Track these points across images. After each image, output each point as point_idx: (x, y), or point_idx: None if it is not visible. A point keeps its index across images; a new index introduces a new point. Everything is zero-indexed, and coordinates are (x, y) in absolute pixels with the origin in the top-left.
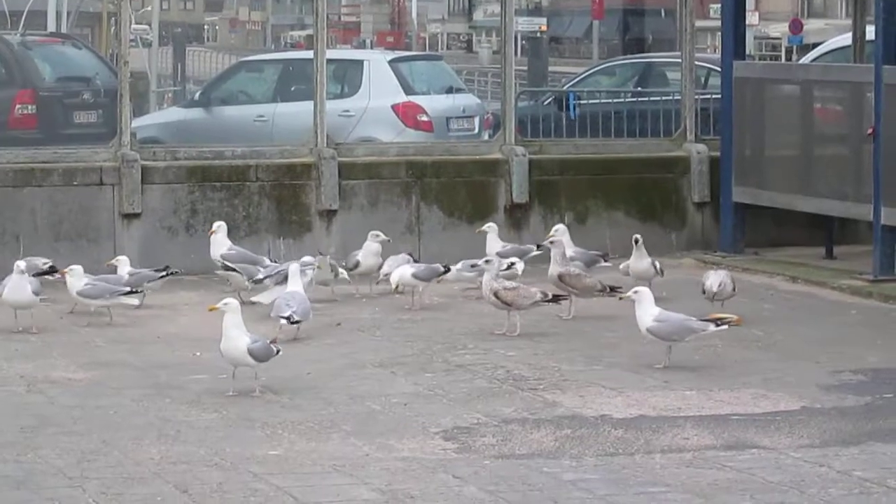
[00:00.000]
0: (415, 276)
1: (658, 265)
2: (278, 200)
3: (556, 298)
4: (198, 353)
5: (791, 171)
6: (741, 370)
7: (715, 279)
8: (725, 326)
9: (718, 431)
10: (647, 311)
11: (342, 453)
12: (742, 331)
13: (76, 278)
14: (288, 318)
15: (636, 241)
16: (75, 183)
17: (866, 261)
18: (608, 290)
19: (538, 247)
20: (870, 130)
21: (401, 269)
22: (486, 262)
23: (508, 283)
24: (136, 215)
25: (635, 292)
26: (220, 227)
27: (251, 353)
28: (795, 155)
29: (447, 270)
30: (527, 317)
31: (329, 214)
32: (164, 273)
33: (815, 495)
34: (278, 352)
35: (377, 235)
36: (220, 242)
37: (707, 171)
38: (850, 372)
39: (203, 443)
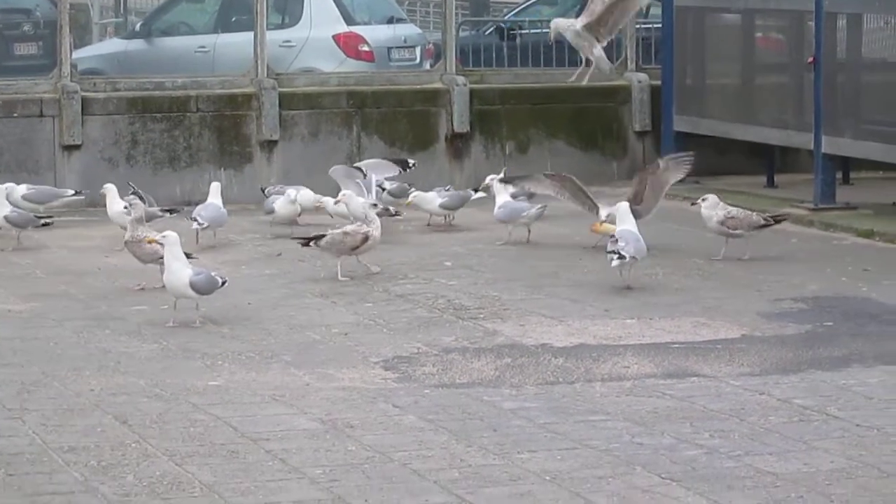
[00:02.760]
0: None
1: None
2: (219, 131)
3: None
4: (141, 284)
5: (732, 99)
6: (682, 299)
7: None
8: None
9: (659, 360)
10: (622, 227)
11: (282, 383)
12: (683, 259)
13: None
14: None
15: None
16: (15, 115)
17: (807, 189)
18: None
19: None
20: (810, 59)
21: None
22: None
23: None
24: (77, 147)
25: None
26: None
27: (193, 285)
28: (736, 84)
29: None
30: (467, 246)
31: (270, 145)
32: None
33: (755, 423)
34: (224, 283)
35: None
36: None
37: (648, 100)
38: (791, 300)
39: (143, 374)
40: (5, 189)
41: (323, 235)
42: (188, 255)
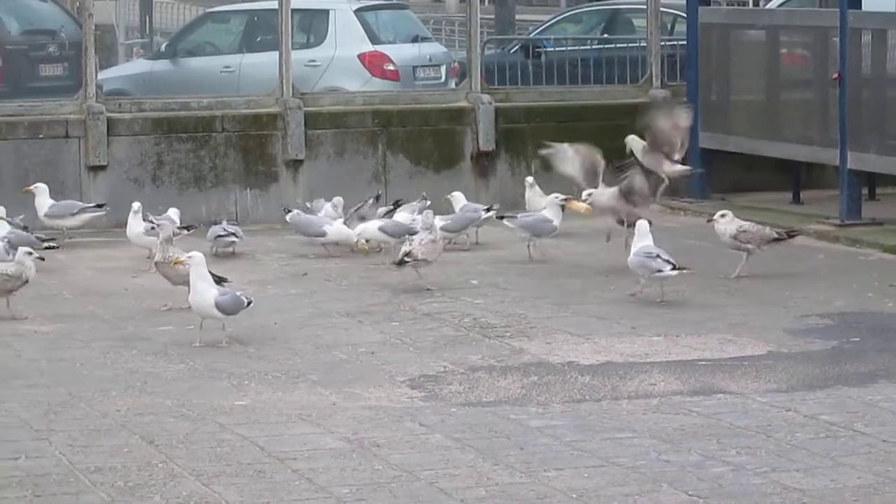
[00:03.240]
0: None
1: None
2: (245, 151)
3: None
4: (167, 305)
5: (757, 116)
6: (708, 315)
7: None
8: (682, 270)
9: (685, 377)
10: (636, 244)
11: (309, 403)
12: (708, 276)
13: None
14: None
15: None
16: (41, 136)
17: (833, 205)
18: None
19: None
20: (835, 75)
21: (368, 224)
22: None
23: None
24: (103, 167)
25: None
26: (37, 188)
27: (218, 305)
28: (761, 100)
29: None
30: (493, 264)
31: (295, 164)
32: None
33: (781, 439)
34: (249, 303)
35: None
36: (41, 203)
37: None
38: (817, 316)
39: (170, 394)
40: (35, 189)
41: (408, 252)
42: (222, 279)
